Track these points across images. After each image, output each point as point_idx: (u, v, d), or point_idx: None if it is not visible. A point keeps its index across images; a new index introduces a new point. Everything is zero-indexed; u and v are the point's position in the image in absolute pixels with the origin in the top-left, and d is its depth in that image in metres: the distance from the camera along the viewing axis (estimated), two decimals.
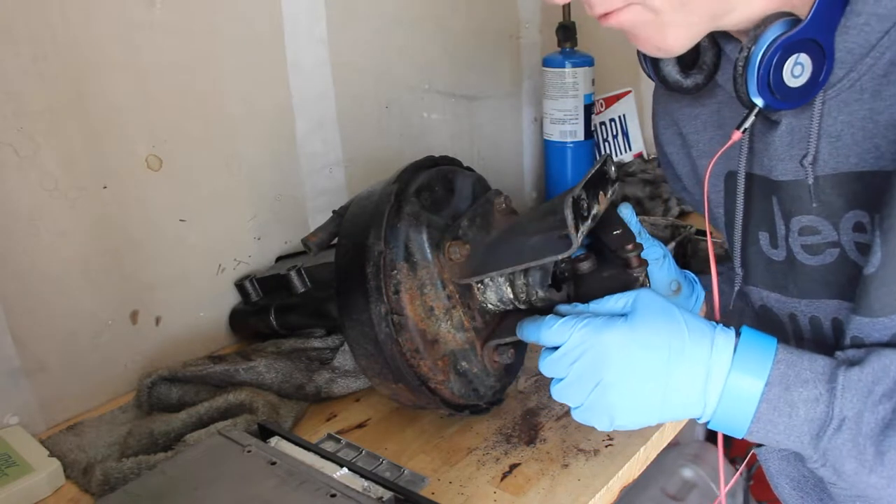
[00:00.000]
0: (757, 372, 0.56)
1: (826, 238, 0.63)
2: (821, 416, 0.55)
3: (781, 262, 0.68)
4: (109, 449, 0.78)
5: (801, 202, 0.63)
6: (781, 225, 0.66)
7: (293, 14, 1.00)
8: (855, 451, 0.54)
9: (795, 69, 0.57)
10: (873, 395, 0.54)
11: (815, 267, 0.65)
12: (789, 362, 0.56)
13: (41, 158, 0.79)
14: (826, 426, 0.55)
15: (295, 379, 0.85)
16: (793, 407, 0.55)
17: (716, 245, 1.23)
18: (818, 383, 0.55)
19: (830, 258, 0.64)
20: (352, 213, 0.72)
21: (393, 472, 0.68)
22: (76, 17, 0.79)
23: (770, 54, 0.57)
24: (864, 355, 0.56)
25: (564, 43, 1.27)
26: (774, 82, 0.57)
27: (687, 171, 0.79)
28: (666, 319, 0.57)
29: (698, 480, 1.25)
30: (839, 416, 0.54)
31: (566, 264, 0.70)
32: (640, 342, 0.57)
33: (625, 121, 1.71)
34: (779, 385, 0.55)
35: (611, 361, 0.57)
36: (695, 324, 0.57)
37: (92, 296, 0.86)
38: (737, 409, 0.56)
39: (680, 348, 0.56)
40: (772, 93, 0.58)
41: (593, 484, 0.69)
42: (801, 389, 0.55)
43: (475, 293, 0.70)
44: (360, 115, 1.13)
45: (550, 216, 0.62)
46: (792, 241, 0.66)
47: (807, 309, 0.68)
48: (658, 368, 0.56)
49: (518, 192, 1.48)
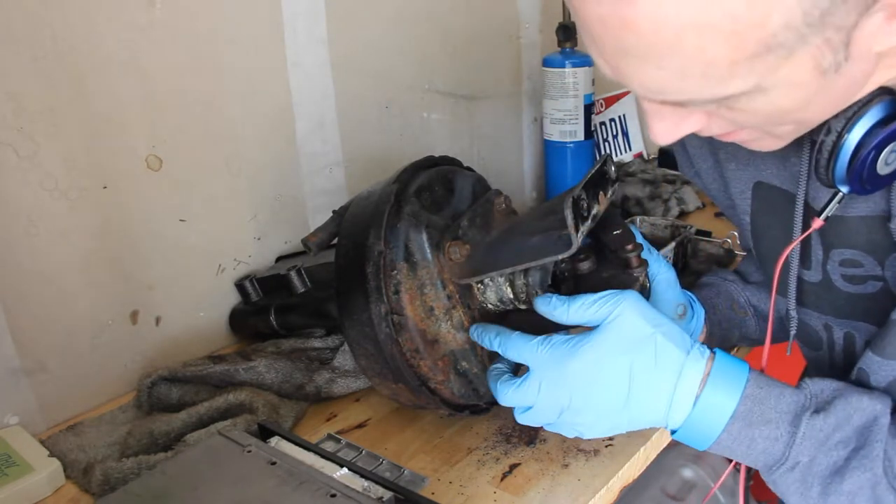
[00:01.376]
0: (722, 407, 0.56)
1: (869, 272, 0.62)
2: (777, 454, 0.56)
3: (815, 284, 0.67)
4: (109, 449, 0.78)
5: (847, 238, 0.62)
6: (819, 251, 0.65)
7: (293, 14, 1.00)
8: (802, 489, 0.56)
9: (890, 157, 0.52)
10: (830, 442, 0.55)
11: (854, 294, 0.64)
12: (756, 398, 0.56)
13: (41, 158, 0.79)
14: (780, 464, 0.56)
15: (295, 379, 0.85)
16: (752, 441, 0.57)
17: (716, 245, 1.23)
18: (780, 424, 0.56)
19: (872, 289, 0.63)
20: (352, 213, 0.72)
21: (393, 472, 0.68)
22: (76, 16, 0.79)
23: (869, 149, 0.51)
24: (832, 399, 0.56)
25: (564, 43, 1.27)
26: (868, 174, 0.53)
27: (708, 168, 0.76)
28: (636, 337, 0.57)
29: (698, 480, 1.25)
30: (794, 459, 0.56)
31: (566, 264, 0.70)
32: (603, 364, 0.57)
33: (625, 121, 1.71)
34: (742, 420, 0.56)
35: (573, 388, 0.58)
36: (667, 346, 0.57)
37: (92, 296, 0.86)
38: (698, 435, 0.58)
39: (646, 368, 0.57)
40: (861, 183, 0.53)
41: (593, 484, 0.69)
42: (763, 428, 0.56)
43: (475, 293, 0.70)
44: (360, 115, 1.13)
45: (550, 216, 0.62)
46: (831, 269, 0.65)
47: (843, 325, 0.67)
48: (621, 390, 0.57)
49: (518, 192, 1.48)
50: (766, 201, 0.69)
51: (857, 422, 0.55)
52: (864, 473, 0.53)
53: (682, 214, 1.38)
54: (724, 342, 0.84)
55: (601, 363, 0.57)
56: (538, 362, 0.60)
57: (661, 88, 0.46)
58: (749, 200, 0.71)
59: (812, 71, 0.44)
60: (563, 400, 0.59)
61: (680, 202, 1.38)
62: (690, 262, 1.15)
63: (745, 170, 0.70)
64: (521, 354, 0.61)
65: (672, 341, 0.57)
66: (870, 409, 0.55)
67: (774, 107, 0.46)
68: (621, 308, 0.58)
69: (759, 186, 0.69)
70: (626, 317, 0.58)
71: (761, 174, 0.69)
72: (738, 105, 0.47)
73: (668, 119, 0.50)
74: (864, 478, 0.53)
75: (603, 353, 0.57)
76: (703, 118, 0.51)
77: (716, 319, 0.82)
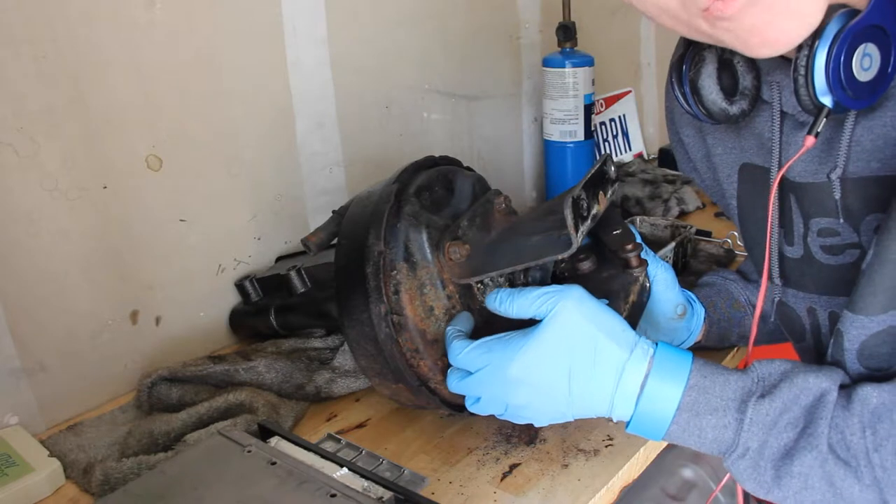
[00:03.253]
0: (666, 399, 0.57)
1: (846, 240, 0.62)
2: (727, 441, 0.57)
3: (797, 260, 0.67)
4: (109, 449, 0.78)
5: (822, 205, 0.62)
6: (800, 224, 0.66)
7: (293, 14, 1.00)
8: (755, 474, 0.56)
9: (864, 61, 0.53)
10: (778, 425, 0.55)
11: (834, 266, 0.64)
12: (701, 388, 0.57)
13: (41, 158, 0.79)
14: (731, 451, 0.57)
15: (295, 379, 0.85)
16: (702, 430, 0.57)
17: (716, 245, 1.23)
18: (727, 412, 0.56)
19: (850, 258, 0.63)
20: (352, 213, 0.72)
21: (393, 472, 0.68)
22: (76, 17, 0.79)
23: (838, 45, 0.52)
24: (778, 382, 0.56)
25: (564, 43, 1.27)
26: (846, 78, 0.53)
27: (701, 157, 0.77)
28: (575, 337, 0.58)
29: (698, 480, 1.25)
30: (744, 445, 0.56)
31: (566, 264, 0.70)
32: (540, 368, 0.59)
33: (625, 121, 1.71)
34: (689, 411, 0.57)
35: (512, 392, 0.60)
36: (607, 346, 0.58)
37: (92, 296, 0.86)
38: (648, 427, 0.59)
39: (585, 368, 0.58)
40: (843, 90, 0.54)
41: (593, 484, 0.69)
42: (710, 417, 0.57)
43: (475, 293, 0.70)
44: (360, 115, 1.13)
45: (550, 216, 0.62)
46: (810, 241, 0.65)
47: (826, 304, 0.67)
48: (560, 389, 0.59)
49: (518, 192, 1.48)
50: (751, 181, 0.69)
51: (804, 401, 0.55)
52: (811, 453, 0.54)
53: (682, 214, 1.38)
54: (723, 341, 0.84)
55: (538, 366, 0.59)
56: (478, 365, 0.61)
57: None
58: (735, 184, 0.72)
59: None
60: (504, 399, 0.61)
61: (680, 202, 1.38)
62: (690, 262, 1.15)
63: (731, 153, 0.71)
64: (460, 358, 0.63)
65: (614, 340, 0.58)
66: (815, 387, 0.55)
67: None
68: (561, 306, 0.58)
69: (744, 168, 0.70)
70: (565, 315, 0.58)
71: (745, 155, 0.69)
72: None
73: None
74: (811, 457, 0.54)
75: (539, 355, 0.58)
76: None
77: (715, 318, 0.82)
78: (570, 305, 0.58)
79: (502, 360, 0.60)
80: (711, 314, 0.82)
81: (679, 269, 1.12)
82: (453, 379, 0.64)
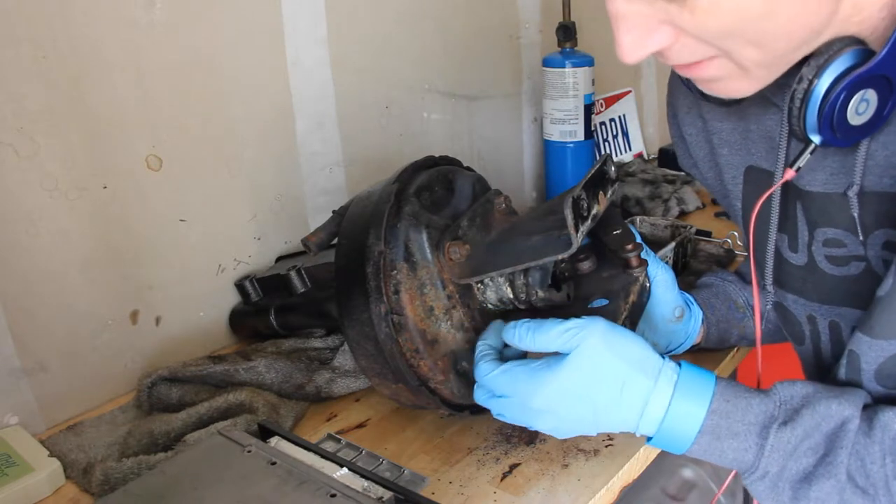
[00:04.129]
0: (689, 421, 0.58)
1: (852, 251, 0.62)
2: (747, 463, 0.57)
3: (801, 267, 0.67)
4: (109, 449, 0.78)
5: (830, 216, 0.62)
6: (805, 232, 0.65)
7: (293, 14, 1.00)
8: (773, 494, 0.57)
9: (860, 106, 0.53)
10: (798, 451, 0.56)
11: (838, 277, 0.64)
12: (723, 413, 0.57)
13: (41, 158, 0.79)
14: (751, 473, 0.57)
15: (295, 379, 0.85)
16: (722, 452, 0.58)
17: (716, 245, 1.23)
18: (748, 436, 0.57)
19: (856, 270, 0.63)
20: (352, 213, 0.72)
21: (393, 472, 0.68)
22: (76, 17, 0.79)
23: (837, 92, 0.52)
24: (800, 407, 0.57)
25: (564, 43, 1.27)
26: (837, 121, 0.53)
27: (704, 156, 0.76)
28: (602, 371, 0.58)
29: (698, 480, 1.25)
30: (763, 469, 0.57)
31: (566, 264, 0.70)
32: (565, 399, 0.59)
33: (625, 121, 1.71)
34: (710, 434, 0.58)
35: (539, 418, 0.61)
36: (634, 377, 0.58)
37: (92, 296, 0.86)
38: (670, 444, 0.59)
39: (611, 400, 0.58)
40: (833, 131, 0.53)
41: (593, 484, 0.69)
42: (732, 441, 0.57)
43: (475, 293, 0.70)
44: (360, 115, 1.13)
45: (550, 216, 0.62)
46: (815, 250, 0.65)
47: (827, 314, 0.67)
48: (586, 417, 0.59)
49: (518, 192, 1.48)
50: (756, 185, 0.69)
51: (825, 429, 0.55)
52: (829, 480, 0.54)
53: (682, 214, 1.38)
54: (722, 342, 0.84)
55: (563, 399, 0.59)
56: (502, 391, 0.62)
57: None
58: (740, 186, 0.71)
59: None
60: (528, 423, 0.62)
61: (680, 202, 1.38)
62: (690, 262, 1.15)
63: (737, 154, 0.70)
64: (485, 381, 0.63)
65: (640, 371, 0.58)
66: (838, 415, 0.55)
67: (736, 3, 0.46)
68: (585, 341, 0.59)
69: (750, 171, 0.70)
70: (590, 350, 0.58)
71: (752, 158, 0.69)
72: (701, 3, 0.46)
73: (635, 30, 0.50)
74: (829, 485, 0.54)
75: (564, 390, 0.59)
76: (670, 34, 0.50)
77: (713, 320, 0.82)
78: (594, 341, 0.58)
79: (526, 392, 0.60)
80: (709, 316, 0.82)
81: (679, 269, 1.12)
82: (480, 394, 0.65)
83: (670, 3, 0.47)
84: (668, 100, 0.80)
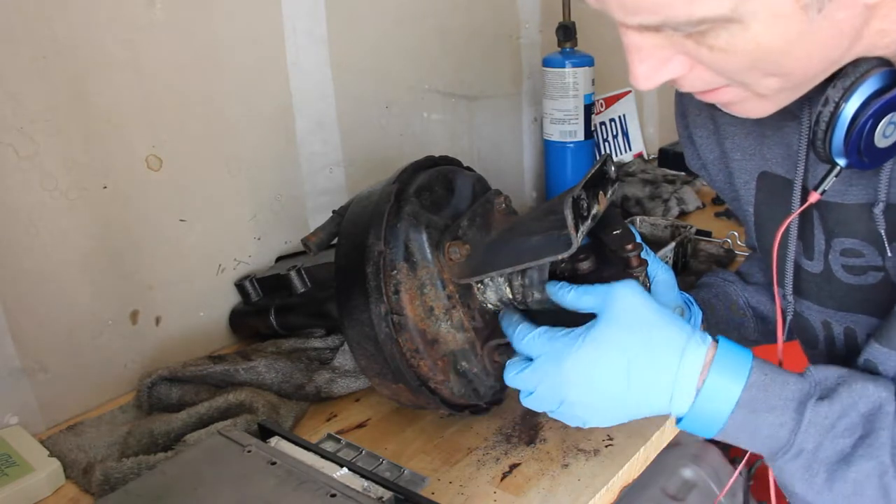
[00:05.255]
0: (726, 395, 0.56)
1: (870, 262, 0.62)
2: (782, 441, 0.56)
3: (816, 275, 0.66)
4: (109, 449, 0.78)
5: (849, 226, 0.61)
6: (821, 241, 0.65)
7: (293, 14, 1.00)
8: (807, 476, 0.55)
9: (888, 129, 0.52)
10: (836, 429, 0.54)
11: (855, 286, 0.64)
12: (761, 386, 0.56)
13: (41, 158, 0.79)
14: (785, 451, 0.56)
15: (295, 379, 0.85)
16: (757, 428, 0.56)
17: (716, 245, 1.23)
18: (785, 411, 0.56)
19: (873, 279, 0.62)
20: (352, 213, 0.72)
21: (393, 472, 0.68)
22: (76, 16, 0.79)
23: (866, 117, 0.51)
24: (836, 385, 0.56)
25: (564, 43, 1.27)
26: (865, 146, 0.52)
27: (714, 159, 0.76)
28: (633, 326, 0.57)
29: (698, 480, 1.25)
30: (799, 446, 0.55)
31: (566, 264, 0.70)
32: (599, 360, 0.58)
33: (625, 121, 1.71)
34: (746, 408, 0.56)
35: (571, 384, 0.59)
36: (664, 333, 0.57)
37: (92, 296, 0.86)
38: (703, 423, 0.58)
39: (644, 357, 0.57)
40: (859, 156, 0.52)
41: (593, 484, 0.69)
42: (768, 415, 0.56)
43: (475, 293, 0.70)
44: (360, 115, 1.13)
45: (550, 216, 0.62)
46: (832, 259, 0.64)
47: (843, 319, 0.67)
48: (618, 382, 0.58)
49: (518, 192, 1.48)
50: (770, 191, 0.68)
51: (862, 408, 0.54)
52: (870, 461, 0.53)
53: (682, 214, 1.38)
54: None
55: (598, 361, 0.58)
56: (538, 353, 0.61)
57: (637, 7, 0.45)
58: (753, 191, 0.71)
59: (792, 3, 0.43)
60: (560, 393, 0.60)
61: (680, 202, 1.38)
62: (690, 262, 1.15)
63: (751, 160, 0.69)
64: (523, 343, 0.62)
65: (673, 325, 0.57)
66: (875, 396, 0.54)
67: (755, 44, 0.45)
68: (621, 294, 0.58)
69: (764, 176, 0.69)
70: (625, 304, 0.58)
71: (767, 164, 0.68)
72: (718, 42, 0.46)
73: (649, 60, 0.49)
74: (870, 466, 0.53)
75: (601, 351, 0.58)
76: (685, 63, 0.49)
77: (713, 321, 0.82)
78: (626, 292, 0.58)
79: (563, 349, 0.59)
80: (709, 317, 0.81)
81: (679, 269, 1.12)
82: (511, 371, 0.63)
83: (687, 38, 0.47)
84: (676, 98, 0.79)
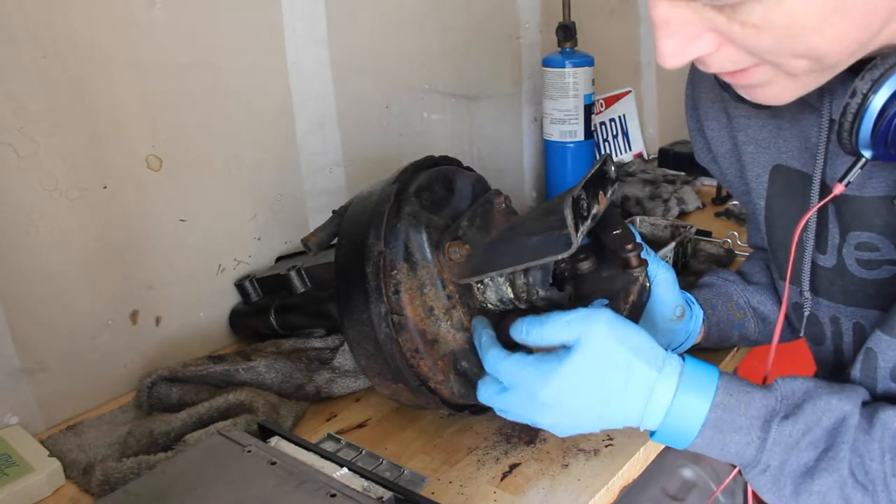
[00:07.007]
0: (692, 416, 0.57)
1: (885, 255, 0.62)
2: (749, 457, 0.58)
3: (828, 269, 0.66)
4: (109, 449, 0.78)
5: (865, 220, 0.61)
6: (836, 234, 0.64)
7: (293, 14, 1.00)
8: (775, 489, 0.57)
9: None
10: (800, 445, 0.56)
11: (868, 280, 0.64)
12: (726, 406, 0.57)
13: (41, 158, 0.79)
14: (752, 468, 0.58)
15: (295, 379, 0.85)
16: (725, 445, 0.58)
17: (716, 245, 1.23)
18: (751, 430, 0.57)
19: (887, 274, 0.62)
20: (352, 213, 0.72)
21: (393, 472, 0.68)
22: (76, 17, 0.79)
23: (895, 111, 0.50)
24: (801, 402, 0.57)
25: (564, 43, 1.27)
26: (893, 138, 0.51)
27: (726, 151, 0.75)
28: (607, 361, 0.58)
29: (698, 480, 1.25)
30: (765, 463, 0.57)
31: (566, 264, 0.70)
32: (572, 390, 0.58)
33: (625, 121, 1.71)
34: (713, 428, 0.57)
35: (543, 412, 0.60)
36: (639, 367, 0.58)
37: (92, 296, 0.86)
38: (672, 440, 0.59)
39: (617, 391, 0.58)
40: (887, 147, 0.52)
41: (593, 484, 0.69)
42: (734, 434, 0.57)
43: (475, 293, 0.70)
44: (360, 115, 1.13)
45: (550, 216, 0.62)
46: (846, 253, 0.64)
47: (852, 315, 0.67)
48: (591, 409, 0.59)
49: (518, 192, 1.48)
50: (784, 185, 0.68)
51: (826, 423, 0.56)
52: (831, 475, 0.54)
53: (682, 214, 1.38)
54: (723, 343, 0.84)
55: (569, 392, 0.58)
56: (510, 382, 0.61)
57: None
58: (765, 184, 0.70)
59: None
60: (532, 417, 0.61)
61: (680, 202, 1.38)
62: (690, 262, 1.15)
63: (765, 152, 0.69)
64: (496, 370, 0.62)
65: (644, 360, 0.58)
66: (838, 410, 0.56)
67: (790, 19, 0.44)
68: (593, 329, 0.58)
69: (778, 169, 0.69)
70: (596, 339, 0.58)
71: (781, 156, 0.68)
72: (752, 17, 0.45)
73: (676, 36, 0.48)
74: (831, 479, 0.54)
75: (571, 382, 0.58)
76: (713, 41, 0.48)
77: (714, 320, 0.82)
78: (600, 329, 0.58)
79: (534, 382, 0.59)
80: (710, 316, 0.81)
81: (679, 269, 1.12)
82: (485, 391, 0.64)
83: (719, 13, 0.46)
84: (687, 91, 0.78)
